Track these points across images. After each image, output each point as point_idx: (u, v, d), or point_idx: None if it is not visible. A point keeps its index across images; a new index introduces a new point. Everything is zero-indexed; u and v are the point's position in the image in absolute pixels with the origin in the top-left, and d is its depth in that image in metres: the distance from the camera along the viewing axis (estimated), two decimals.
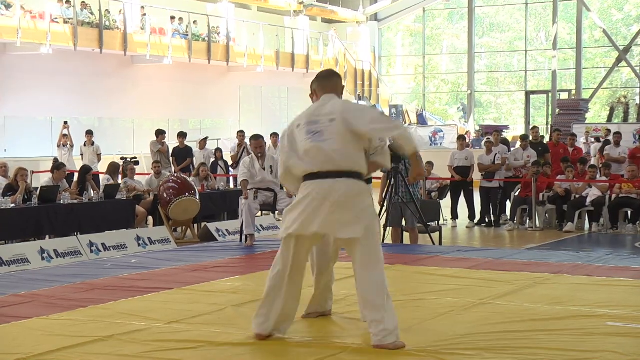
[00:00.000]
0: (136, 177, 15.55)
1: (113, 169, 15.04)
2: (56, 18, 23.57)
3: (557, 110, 28.78)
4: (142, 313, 7.03)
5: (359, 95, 36.17)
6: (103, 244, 11.76)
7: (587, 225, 15.05)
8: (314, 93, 6.20)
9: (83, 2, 24.33)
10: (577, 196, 14.97)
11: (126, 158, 17.59)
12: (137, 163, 17.14)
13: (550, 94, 33.17)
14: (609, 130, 22.35)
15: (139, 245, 12.22)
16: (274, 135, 18.47)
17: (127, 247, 11.99)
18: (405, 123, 34.40)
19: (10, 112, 23.12)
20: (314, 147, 5.82)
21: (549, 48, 34.90)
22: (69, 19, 23.80)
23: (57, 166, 13.93)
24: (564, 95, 32.75)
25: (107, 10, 25.15)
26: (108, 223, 12.78)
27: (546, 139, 19.11)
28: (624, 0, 35.28)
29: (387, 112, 36.50)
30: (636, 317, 6.58)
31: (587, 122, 27.44)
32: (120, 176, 16.11)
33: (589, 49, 34.70)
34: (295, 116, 6.20)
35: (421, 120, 36.06)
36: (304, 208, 5.82)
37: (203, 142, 19.88)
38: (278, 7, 33.05)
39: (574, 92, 32.77)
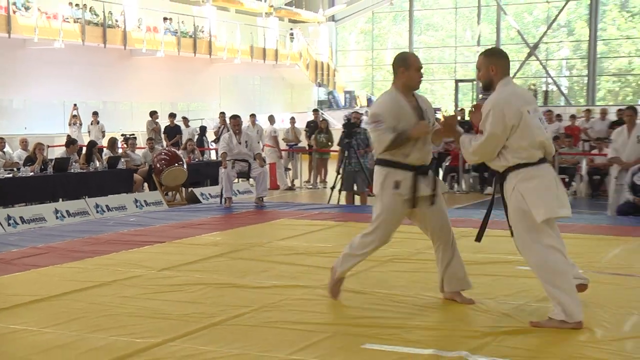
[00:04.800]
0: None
1: (112, 143, 14.90)
2: (67, 18, 23.36)
3: (480, 96, 28.96)
4: (139, 262, 7.03)
5: (319, 82, 36.12)
6: (107, 206, 11.68)
7: None
8: (494, 69, 4.95)
9: (85, 5, 24.04)
10: None
11: (126, 135, 17.47)
12: (135, 139, 16.99)
13: (474, 82, 33.30)
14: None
15: (136, 206, 12.15)
16: (252, 116, 18.38)
17: (126, 208, 11.92)
18: (357, 106, 34.42)
19: (29, 97, 22.95)
20: (548, 138, 4.96)
21: (474, 44, 35.02)
22: (78, 18, 23.60)
23: (72, 141, 13.85)
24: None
25: (110, 12, 24.90)
26: (111, 188, 12.69)
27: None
28: (533, 6, 35.42)
29: (342, 97, 36.55)
30: None
31: None
32: (121, 149, 16.00)
33: (505, 45, 34.78)
34: (508, 95, 4.86)
35: (370, 104, 36.09)
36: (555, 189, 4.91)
37: (186, 120, 19.83)
38: (252, 10, 32.86)
39: None
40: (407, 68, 5.26)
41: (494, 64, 4.97)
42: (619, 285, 5.94)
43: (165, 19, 27.30)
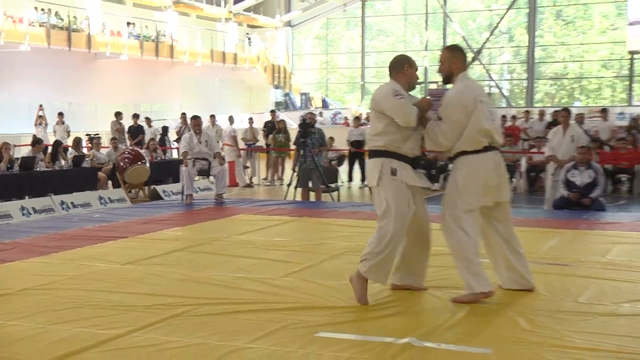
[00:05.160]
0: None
1: (76, 143, 14.71)
2: (33, 22, 22.97)
3: (427, 97, 29.10)
4: (103, 256, 6.95)
5: (276, 84, 36.07)
6: (72, 203, 11.52)
7: None
8: (456, 63, 5.22)
9: (50, 9, 23.68)
10: (442, 163, 15.18)
11: (90, 134, 17.25)
12: (99, 139, 16.80)
13: (423, 85, 33.53)
14: None
15: (101, 203, 12.01)
16: (212, 117, 18.28)
17: (91, 205, 11.77)
18: (312, 107, 34.45)
19: None
20: (496, 128, 5.24)
21: (422, 49, 35.26)
22: (44, 22, 23.22)
23: (37, 141, 13.61)
24: (433, 86, 33.13)
25: (74, 16, 24.57)
26: (76, 186, 12.51)
27: None
28: (476, 13, 35.84)
29: (298, 99, 36.54)
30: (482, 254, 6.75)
31: None
32: (86, 149, 15.79)
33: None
34: (466, 85, 5.18)
35: (325, 105, 36.17)
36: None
37: (148, 121, 19.63)
38: (212, 15, 32.66)
39: (440, 83, 33.15)
40: (410, 66, 5.28)
41: (457, 57, 5.25)
42: (554, 274, 6.05)
43: (128, 23, 27.02)
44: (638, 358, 4.02)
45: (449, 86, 5.44)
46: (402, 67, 5.28)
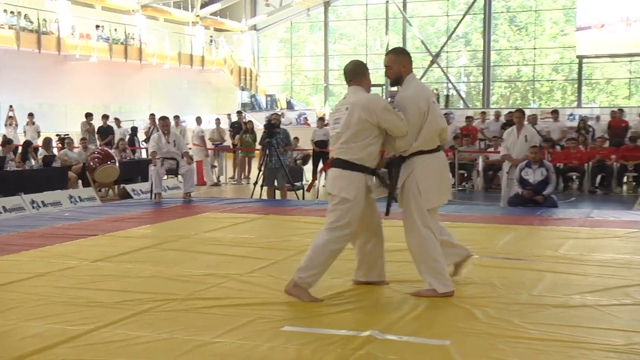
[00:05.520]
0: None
1: (46, 143, 14.49)
2: (3, 24, 22.59)
3: (389, 99, 29.20)
4: (73, 254, 6.85)
5: (242, 86, 35.92)
6: (42, 202, 11.33)
7: None
8: (405, 66, 5.22)
9: (19, 12, 23.30)
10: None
11: (60, 135, 17.02)
12: (70, 139, 16.58)
13: (383, 87, 33.69)
14: None
15: (71, 202, 11.83)
16: (176, 117, 18.15)
17: (61, 204, 11.59)
18: (277, 108, 34.38)
19: None
20: (446, 128, 5.27)
21: (382, 52, 35.34)
22: (13, 25, 22.85)
23: (8, 141, 13.41)
24: (395, 88, 33.21)
25: (44, 19, 24.21)
26: (46, 185, 12.31)
27: None
28: (435, 18, 36.09)
29: (263, 100, 36.43)
30: None
31: None
32: (56, 149, 15.55)
33: (411, 53, 35.23)
34: (418, 87, 5.20)
35: (290, 106, 36.12)
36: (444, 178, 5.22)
37: (118, 121, 19.41)
38: (180, 19, 32.45)
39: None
40: (368, 71, 5.28)
41: (405, 60, 5.23)
42: (509, 268, 6.11)
43: (97, 26, 26.74)
44: (588, 347, 4.08)
45: None
46: (364, 72, 5.28)
